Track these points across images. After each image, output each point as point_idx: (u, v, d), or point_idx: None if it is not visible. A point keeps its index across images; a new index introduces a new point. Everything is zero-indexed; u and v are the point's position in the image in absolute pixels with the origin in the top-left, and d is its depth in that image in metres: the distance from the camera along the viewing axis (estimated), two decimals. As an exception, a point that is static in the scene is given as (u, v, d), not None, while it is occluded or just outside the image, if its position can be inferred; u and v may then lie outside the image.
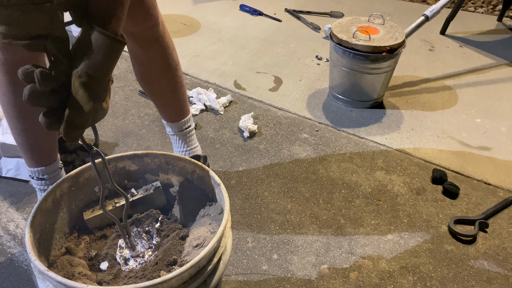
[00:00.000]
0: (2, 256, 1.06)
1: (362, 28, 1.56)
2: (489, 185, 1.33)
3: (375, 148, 1.47)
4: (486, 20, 2.53)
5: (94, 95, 0.57)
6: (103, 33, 0.55)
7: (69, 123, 0.56)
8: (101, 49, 0.55)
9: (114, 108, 1.63)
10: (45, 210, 0.77)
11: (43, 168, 1.04)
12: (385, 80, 1.62)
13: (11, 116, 0.94)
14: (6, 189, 1.25)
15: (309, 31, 2.34)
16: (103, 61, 0.56)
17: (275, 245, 1.11)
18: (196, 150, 1.24)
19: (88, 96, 0.56)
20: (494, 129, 1.59)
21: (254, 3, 2.67)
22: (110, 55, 0.57)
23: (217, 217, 0.83)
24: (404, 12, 2.63)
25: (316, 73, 1.93)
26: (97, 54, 0.56)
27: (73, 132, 0.58)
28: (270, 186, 1.30)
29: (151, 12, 0.96)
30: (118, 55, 0.59)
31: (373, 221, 1.19)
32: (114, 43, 0.56)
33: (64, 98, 0.56)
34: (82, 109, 0.56)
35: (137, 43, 1.01)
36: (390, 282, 1.03)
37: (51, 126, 0.57)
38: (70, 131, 0.57)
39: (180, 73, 1.12)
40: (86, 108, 0.56)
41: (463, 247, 1.13)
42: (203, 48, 2.12)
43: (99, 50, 0.55)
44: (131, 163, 0.91)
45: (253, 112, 1.62)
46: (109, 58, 0.57)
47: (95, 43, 0.55)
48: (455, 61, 2.06)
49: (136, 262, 0.79)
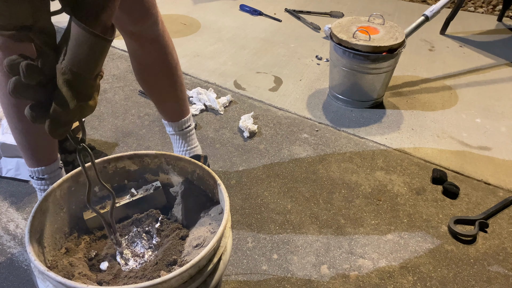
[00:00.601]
0: (2, 256, 1.06)
1: (362, 28, 1.56)
2: (489, 185, 1.33)
3: (375, 148, 1.47)
4: (486, 20, 2.53)
5: (78, 93, 0.55)
6: (86, 30, 0.52)
7: (54, 120, 0.55)
8: (85, 45, 0.52)
9: (114, 108, 1.63)
10: (45, 210, 0.77)
11: (43, 168, 1.04)
12: (385, 80, 1.62)
13: (12, 116, 0.94)
14: (6, 189, 1.25)
15: (309, 31, 2.34)
16: (88, 58, 0.53)
17: (275, 245, 1.11)
18: (196, 150, 1.24)
19: (72, 94, 0.54)
20: (494, 129, 1.59)
21: (254, 3, 2.67)
22: (94, 52, 0.54)
23: (217, 217, 0.83)
24: (404, 12, 2.63)
25: (316, 73, 1.93)
26: (81, 51, 0.53)
27: (58, 129, 0.56)
28: (270, 186, 1.30)
29: (151, 11, 0.95)
30: (104, 52, 0.55)
31: (373, 221, 1.19)
32: (98, 40, 0.53)
33: (51, 92, 0.55)
34: (67, 107, 0.54)
35: (136, 42, 1.01)
36: (390, 282, 1.03)
37: (37, 120, 0.55)
38: (55, 128, 0.56)
39: (179, 73, 1.12)
40: (71, 105, 0.54)
41: (463, 247, 1.13)
42: (203, 48, 2.12)
43: (83, 47, 0.52)
44: (131, 163, 0.91)
45: (253, 112, 1.62)
46: (94, 56, 0.54)
47: (78, 38, 0.52)
48: (455, 61, 2.06)
49: (136, 262, 0.79)
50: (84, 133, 0.67)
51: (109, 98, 1.69)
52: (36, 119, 0.55)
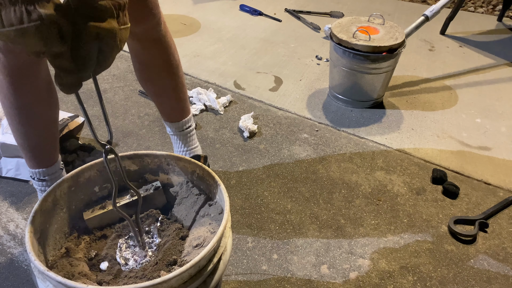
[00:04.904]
0: (2, 256, 1.06)
1: (362, 28, 1.56)
2: (489, 185, 1.33)
3: (375, 148, 1.47)
4: (486, 20, 2.53)
5: (84, 16, 0.54)
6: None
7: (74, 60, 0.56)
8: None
9: (114, 108, 1.63)
10: (45, 210, 0.77)
11: (44, 169, 1.03)
12: (385, 80, 1.62)
13: (13, 118, 0.94)
14: (6, 189, 1.25)
15: (309, 31, 2.34)
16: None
17: (275, 245, 1.11)
18: (196, 150, 1.24)
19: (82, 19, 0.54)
20: (494, 129, 1.59)
21: (254, 3, 2.67)
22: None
23: (217, 217, 0.83)
24: (404, 12, 2.63)
25: (316, 73, 1.93)
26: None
27: (81, 70, 0.57)
28: (270, 186, 1.30)
29: (153, 12, 0.95)
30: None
31: (373, 221, 1.19)
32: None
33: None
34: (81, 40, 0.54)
35: (138, 43, 1.01)
36: (390, 282, 1.03)
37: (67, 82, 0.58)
38: (76, 69, 0.57)
39: (181, 73, 1.12)
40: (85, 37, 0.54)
41: (463, 247, 1.13)
42: (203, 48, 2.12)
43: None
44: (131, 163, 0.91)
45: (253, 112, 1.62)
46: None
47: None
48: (455, 61, 2.06)
49: (136, 262, 0.79)
50: (111, 135, 0.69)
51: (109, 98, 1.69)
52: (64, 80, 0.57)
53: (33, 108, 0.93)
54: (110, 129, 0.68)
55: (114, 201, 0.72)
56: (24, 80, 0.88)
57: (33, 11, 0.50)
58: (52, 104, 0.99)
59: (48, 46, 0.53)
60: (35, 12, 0.50)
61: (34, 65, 0.88)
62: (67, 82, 0.58)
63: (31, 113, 0.94)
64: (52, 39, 0.53)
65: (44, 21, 0.51)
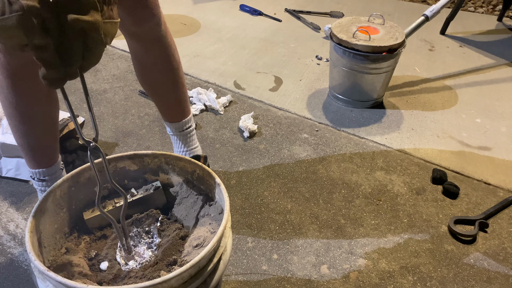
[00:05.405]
0: (2, 256, 1.06)
1: (362, 28, 1.56)
2: (489, 185, 1.33)
3: (375, 148, 1.47)
4: (486, 20, 2.53)
5: (63, 6, 0.53)
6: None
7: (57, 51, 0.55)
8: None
9: (114, 108, 1.63)
10: (45, 210, 0.77)
11: (45, 169, 1.03)
12: (385, 80, 1.62)
13: (13, 118, 0.94)
14: (6, 189, 1.25)
15: (309, 31, 2.34)
16: None
17: (275, 245, 1.11)
18: (197, 150, 1.24)
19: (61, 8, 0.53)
20: (494, 129, 1.59)
21: (254, 3, 2.67)
22: None
23: (217, 217, 0.83)
24: (404, 12, 2.63)
25: (316, 73, 1.93)
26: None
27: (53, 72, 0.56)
28: (270, 186, 1.30)
29: (154, 12, 0.95)
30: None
31: (373, 221, 1.19)
32: None
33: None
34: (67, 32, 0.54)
35: (139, 43, 1.01)
36: (390, 282, 1.03)
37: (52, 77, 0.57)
38: (56, 64, 0.56)
39: (181, 73, 1.12)
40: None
41: (463, 247, 1.13)
42: (203, 48, 2.12)
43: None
44: (131, 163, 0.91)
45: (253, 112, 1.62)
46: None
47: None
48: (455, 61, 2.06)
49: (136, 262, 0.79)
50: (97, 132, 0.67)
51: (109, 98, 1.69)
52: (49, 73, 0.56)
53: (33, 108, 0.94)
54: (96, 127, 0.66)
55: (98, 201, 0.71)
56: (24, 81, 0.88)
57: (15, 2, 0.50)
58: (52, 104, 0.99)
59: (30, 38, 0.52)
60: (17, 3, 0.50)
61: (34, 66, 0.88)
62: (52, 77, 0.57)
63: (31, 113, 0.94)
64: (34, 31, 0.52)
65: (26, 12, 0.50)
